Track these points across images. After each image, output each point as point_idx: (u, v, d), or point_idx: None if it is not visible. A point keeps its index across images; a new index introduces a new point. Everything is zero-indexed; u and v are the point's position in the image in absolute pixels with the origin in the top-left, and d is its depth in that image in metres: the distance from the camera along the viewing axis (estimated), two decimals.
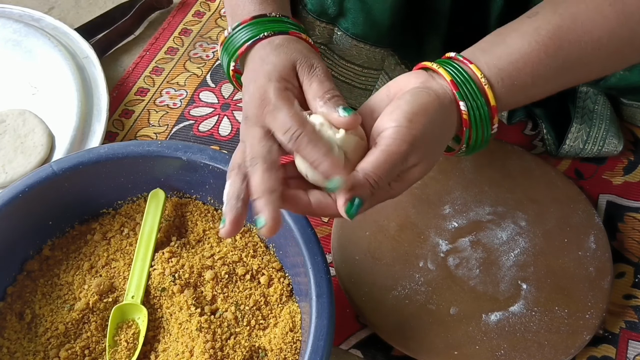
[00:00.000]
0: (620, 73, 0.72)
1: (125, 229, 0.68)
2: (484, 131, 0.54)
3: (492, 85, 0.53)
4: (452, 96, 0.53)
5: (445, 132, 0.53)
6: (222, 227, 0.49)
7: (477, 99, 0.53)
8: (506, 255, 0.70)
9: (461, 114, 0.53)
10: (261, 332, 0.61)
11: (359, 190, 0.47)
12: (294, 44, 0.55)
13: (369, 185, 0.48)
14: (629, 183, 0.79)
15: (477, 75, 0.53)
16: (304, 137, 0.48)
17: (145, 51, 0.93)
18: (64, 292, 0.65)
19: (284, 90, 0.51)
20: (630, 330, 0.68)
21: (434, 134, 0.51)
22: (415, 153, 0.50)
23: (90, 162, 0.65)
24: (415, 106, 0.50)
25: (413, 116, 0.50)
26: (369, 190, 0.48)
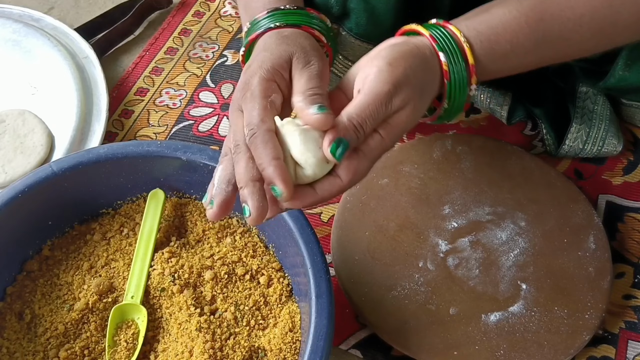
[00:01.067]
0: (619, 74, 0.72)
1: (124, 229, 0.68)
2: (461, 90, 0.54)
3: (471, 45, 0.54)
4: (431, 48, 0.54)
5: (427, 79, 0.53)
6: (210, 209, 0.49)
7: (455, 52, 0.53)
8: (506, 255, 0.70)
9: (441, 65, 0.53)
10: (261, 332, 0.61)
11: (343, 132, 0.47)
12: (300, 39, 0.55)
13: (354, 126, 0.48)
14: (628, 183, 0.79)
15: (455, 34, 0.54)
16: (257, 137, 0.47)
17: (145, 51, 0.93)
18: (63, 292, 0.65)
19: (267, 81, 0.51)
20: (629, 330, 0.68)
21: (416, 76, 0.51)
22: (399, 94, 0.50)
23: (89, 162, 0.65)
24: (396, 52, 0.51)
25: (393, 60, 0.51)
26: (354, 133, 0.48)
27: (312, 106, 0.48)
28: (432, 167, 0.76)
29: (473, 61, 0.54)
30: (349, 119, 0.48)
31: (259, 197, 0.47)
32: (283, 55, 0.52)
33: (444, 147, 0.78)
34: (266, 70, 0.51)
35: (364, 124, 0.48)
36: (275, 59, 0.52)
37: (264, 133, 0.47)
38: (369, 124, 0.49)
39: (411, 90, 0.51)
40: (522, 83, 0.82)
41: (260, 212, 0.47)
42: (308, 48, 0.54)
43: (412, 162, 0.77)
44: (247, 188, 0.47)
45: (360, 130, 0.48)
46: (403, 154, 0.77)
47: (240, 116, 0.50)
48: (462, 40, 0.54)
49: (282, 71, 0.52)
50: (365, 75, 0.50)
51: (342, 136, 0.47)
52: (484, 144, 0.78)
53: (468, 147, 0.78)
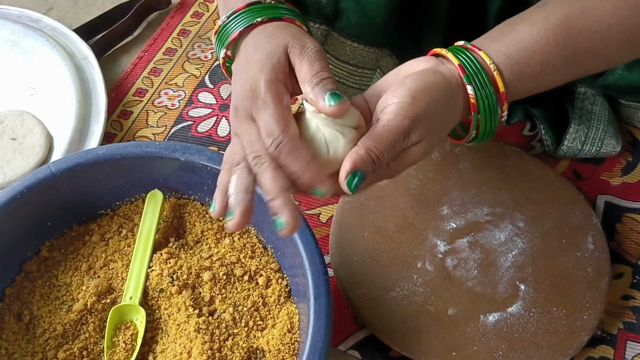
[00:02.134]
0: (619, 72, 0.71)
1: (123, 230, 0.68)
2: (492, 118, 0.54)
3: (500, 72, 0.53)
4: (459, 80, 0.53)
5: (449, 114, 0.53)
6: (231, 220, 0.48)
7: (485, 83, 0.52)
8: (504, 256, 0.70)
9: (469, 98, 0.52)
10: (259, 333, 0.61)
11: (360, 164, 0.47)
12: (287, 29, 0.54)
13: (371, 159, 0.48)
14: (627, 184, 0.79)
15: (485, 62, 0.53)
16: (284, 146, 0.47)
17: (143, 52, 0.93)
18: (62, 293, 0.65)
19: (274, 83, 0.50)
20: (628, 331, 0.68)
21: (437, 113, 0.51)
22: (417, 130, 0.49)
23: (88, 163, 0.65)
24: (420, 84, 0.51)
25: (417, 93, 0.50)
26: (371, 166, 0.48)
27: (324, 95, 0.48)
28: (430, 168, 0.76)
29: (503, 88, 0.53)
30: (367, 151, 0.48)
31: (292, 207, 0.47)
32: (278, 50, 0.51)
33: (443, 147, 0.78)
34: (269, 72, 0.50)
35: (381, 156, 0.48)
36: (273, 56, 0.51)
37: (291, 141, 0.47)
38: (386, 157, 0.49)
39: (429, 126, 0.50)
40: None
41: (296, 221, 0.47)
42: (298, 34, 0.53)
43: None
44: (279, 199, 0.47)
45: (377, 162, 0.48)
46: None
47: (253, 125, 0.50)
48: (492, 68, 0.53)
49: (283, 67, 0.51)
50: (387, 104, 0.50)
51: (358, 169, 0.47)
52: (482, 145, 0.77)
53: (466, 147, 0.78)
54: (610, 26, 0.54)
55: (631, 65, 0.71)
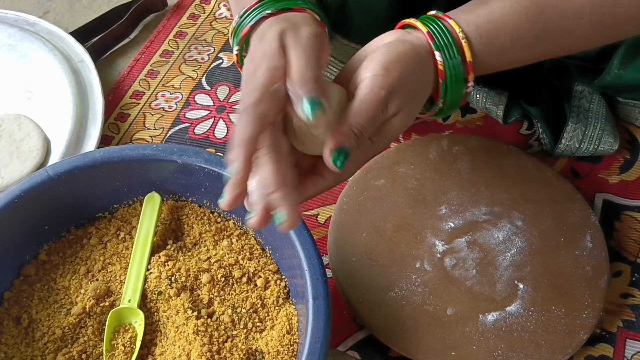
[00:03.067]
0: (615, 72, 0.72)
1: (121, 232, 0.68)
2: (458, 87, 0.54)
3: (469, 41, 0.53)
4: (427, 47, 0.53)
5: (422, 83, 0.53)
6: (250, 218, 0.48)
7: (453, 51, 0.53)
8: (503, 255, 0.70)
9: (437, 64, 0.53)
10: (258, 334, 0.61)
11: (344, 140, 0.47)
12: (292, 17, 0.53)
13: (353, 134, 0.48)
14: (625, 182, 0.79)
15: (454, 29, 0.53)
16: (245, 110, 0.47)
17: (140, 54, 0.93)
18: (60, 296, 0.65)
19: (273, 69, 0.49)
20: (627, 329, 0.68)
21: (411, 81, 0.51)
22: (394, 100, 0.50)
23: (85, 167, 0.65)
24: (391, 55, 0.51)
25: (388, 64, 0.50)
26: (354, 140, 0.48)
27: (302, 99, 0.47)
28: (428, 168, 0.76)
29: (471, 58, 0.53)
30: (349, 127, 0.48)
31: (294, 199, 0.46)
32: (275, 37, 0.50)
33: (440, 147, 0.78)
34: (270, 58, 0.49)
35: (363, 130, 0.48)
36: (271, 43, 0.50)
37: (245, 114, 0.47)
38: (368, 130, 0.49)
39: (406, 95, 0.51)
40: (517, 82, 0.82)
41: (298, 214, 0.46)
42: (299, 22, 0.52)
43: (408, 163, 0.77)
44: (281, 191, 0.46)
45: (359, 136, 0.48)
46: (399, 155, 0.77)
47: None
48: (460, 36, 0.53)
49: (280, 54, 0.50)
50: (361, 80, 0.50)
51: (341, 144, 0.47)
52: (480, 144, 0.78)
53: (464, 147, 0.78)
54: (583, 7, 0.54)
55: (627, 64, 0.71)
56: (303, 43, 0.49)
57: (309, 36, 0.50)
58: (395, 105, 0.50)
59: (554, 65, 0.82)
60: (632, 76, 0.72)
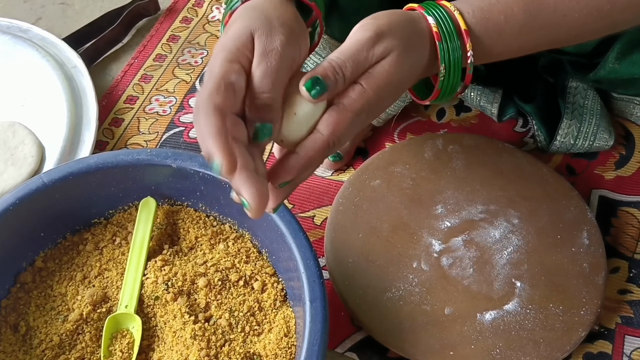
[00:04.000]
0: (609, 66, 0.71)
1: (117, 238, 0.68)
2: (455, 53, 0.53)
3: (461, 13, 0.53)
4: (419, 14, 0.53)
5: (415, 35, 0.52)
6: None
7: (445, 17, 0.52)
8: (499, 253, 0.70)
9: (430, 28, 0.52)
10: (256, 338, 0.61)
11: (321, 72, 0.46)
12: (268, 7, 0.51)
13: (332, 67, 0.46)
14: (621, 177, 0.79)
15: (445, 5, 0.53)
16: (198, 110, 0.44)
17: (133, 59, 0.93)
18: (57, 303, 0.64)
19: (230, 62, 0.46)
20: (626, 325, 0.68)
21: (401, 28, 0.50)
22: (382, 42, 0.49)
23: (80, 173, 0.64)
24: (380, 13, 0.51)
25: (378, 14, 0.50)
26: (332, 75, 0.46)
27: (254, 125, 0.46)
28: (423, 167, 0.76)
29: (465, 26, 0.52)
30: (329, 61, 0.47)
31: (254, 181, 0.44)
32: (243, 33, 0.47)
33: (435, 146, 0.78)
34: (227, 51, 0.47)
35: (343, 66, 0.47)
36: (236, 37, 0.47)
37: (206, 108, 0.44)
38: (348, 67, 0.47)
39: (395, 39, 0.49)
40: (512, 80, 0.82)
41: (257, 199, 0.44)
42: (275, 20, 0.49)
43: (403, 163, 0.77)
44: (240, 176, 0.44)
45: (339, 72, 0.47)
46: (395, 155, 0.77)
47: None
48: (452, 8, 0.53)
49: (245, 50, 0.47)
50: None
51: (319, 75, 0.46)
52: (475, 142, 0.78)
53: (459, 145, 0.78)
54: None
55: (621, 58, 0.71)
56: (271, 58, 0.47)
57: (279, 50, 0.47)
58: (383, 47, 0.49)
59: (548, 62, 0.82)
60: (627, 70, 0.71)
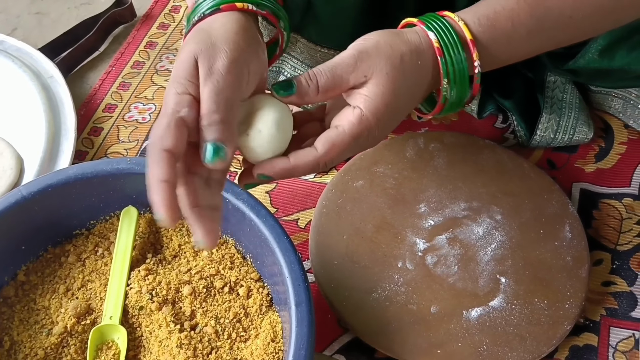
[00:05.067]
0: (590, 56, 0.71)
1: (99, 249, 0.67)
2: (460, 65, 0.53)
3: (467, 23, 0.53)
4: (419, 30, 0.53)
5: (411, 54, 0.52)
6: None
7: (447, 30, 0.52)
8: (483, 250, 0.70)
9: (432, 44, 0.52)
10: (242, 344, 0.61)
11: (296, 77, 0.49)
12: (215, 26, 0.50)
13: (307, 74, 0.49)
14: (601, 170, 0.79)
15: (449, 17, 0.53)
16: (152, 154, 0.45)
17: (111, 67, 0.92)
18: (41, 316, 0.64)
19: (178, 95, 0.47)
20: (610, 317, 0.69)
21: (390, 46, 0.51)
22: (366, 60, 0.50)
23: (59, 184, 0.64)
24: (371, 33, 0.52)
25: (367, 35, 0.51)
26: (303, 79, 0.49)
27: (206, 145, 0.46)
28: (406, 166, 0.76)
29: (471, 37, 0.52)
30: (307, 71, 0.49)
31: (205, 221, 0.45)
32: (187, 60, 0.48)
33: (417, 145, 0.78)
34: (178, 83, 0.47)
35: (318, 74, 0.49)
36: (183, 67, 0.48)
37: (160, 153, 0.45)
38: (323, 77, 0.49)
39: (382, 58, 0.50)
40: (490, 76, 0.82)
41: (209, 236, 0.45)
42: (219, 40, 0.49)
43: (386, 163, 0.77)
44: (190, 216, 0.45)
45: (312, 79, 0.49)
46: (377, 155, 0.77)
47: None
48: (456, 19, 0.53)
49: (192, 79, 0.47)
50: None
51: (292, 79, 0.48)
52: (456, 140, 0.79)
53: (440, 143, 0.78)
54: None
55: (602, 51, 0.71)
56: (214, 78, 0.47)
57: (222, 68, 0.47)
58: (367, 65, 0.49)
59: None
60: (606, 63, 0.71)
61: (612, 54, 0.70)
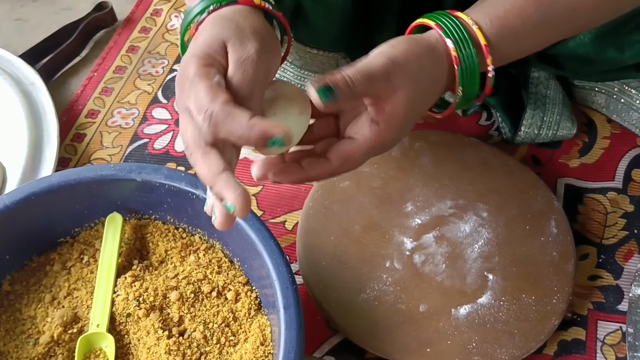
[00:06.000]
0: (581, 38, 0.71)
1: (85, 256, 0.67)
2: (473, 73, 0.53)
3: (480, 27, 0.53)
4: (438, 37, 0.53)
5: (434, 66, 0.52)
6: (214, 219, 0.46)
7: (464, 37, 0.52)
8: (470, 247, 0.70)
9: (449, 51, 0.52)
10: (232, 348, 0.61)
11: (332, 79, 0.46)
12: (238, 17, 0.50)
13: (344, 79, 0.47)
14: (585, 165, 0.80)
15: (463, 19, 0.53)
16: (217, 114, 0.44)
17: (93, 72, 0.91)
18: (27, 326, 0.63)
19: (205, 66, 0.46)
20: (598, 310, 0.69)
21: (418, 57, 0.51)
22: (397, 74, 0.49)
23: (42, 192, 0.63)
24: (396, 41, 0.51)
25: (395, 42, 0.51)
26: (343, 84, 0.46)
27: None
28: (392, 166, 0.76)
29: (485, 41, 0.53)
30: (341, 73, 0.47)
31: (234, 186, 0.43)
32: (215, 41, 0.47)
33: (402, 144, 0.78)
34: (200, 58, 0.47)
35: (356, 81, 0.47)
36: (208, 45, 0.47)
37: (223, 107, 0.43)
38: (361, 85, 0.47)
39: (411, 72, 0.50)
40: None
41: (242, 199, 0.43)
42: (247, 29, 0.49)
43: (371, 163, 0.76)
44: (217, 184, 0.44)
45: (351, 85, 0.47)
46: None
47: (186, 115, 0.46)
48: (470, 23, 0.53)
49: (218, 57, 0.47)
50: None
51: (331, 83, 0.46)
52: (441, 138, 0.79)
53: (425, 142, 0.78)
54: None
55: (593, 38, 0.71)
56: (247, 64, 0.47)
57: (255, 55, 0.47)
58: (398, 79, 0.49)
59: None
60: (593, 50, 0.71)
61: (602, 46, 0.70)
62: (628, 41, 0.69)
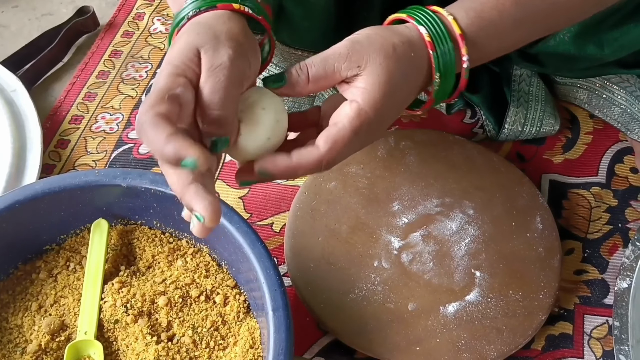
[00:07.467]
0: (560, 37, 0.71)
1: (71, 263, 0.66)
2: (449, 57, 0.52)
3: (455, 17, 0.53)
4: (410, 25, 0.53)
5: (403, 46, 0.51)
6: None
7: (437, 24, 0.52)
8: (457, 245, 0.70)
9: (422, 37, 0.52)
10: (221, 352, 0.61)
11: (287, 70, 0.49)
12: (216, 23, 0.49)
13: (297, 65, 0.49)
14: (569, 160, 0.80)
15: (438, 11, 0.53)
16: (142, 124, 0.42)
17: (75, 77, 0.91)
18: (14, 335, 0.63)
19: (175, 75, 0.45)
20: (584, 305, 0.70)
21: (383, 37, 0.51)
22: (358, 51, 0.49)
23: (26, 200, 0.63)
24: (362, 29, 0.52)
25: (359, 31, 0.51)
26: (294, 69, 0.49)
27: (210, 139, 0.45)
28: (378, 166, 0.77)
29: (460, 31, 0.52)
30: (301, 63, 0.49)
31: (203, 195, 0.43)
32: (190, 50, 0.47)
33: (388, 143, 0.78)
34: (173, 66, 0.46)
35: (309, 65, 0.49)
36: (182, 53, 0.46)
37: (149, 118, 0.42)
38: (314, 67, 0.49)
39: (376, 49, 0.49)
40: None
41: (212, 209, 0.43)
42: (222, 35, 0.48)
43: (357, 163, 0.77)
44: (188, 193, 0.43)
45: (303, 69, 0.49)
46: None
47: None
48: (445, 14, 0.52)
49: (192, 65, 0.46)
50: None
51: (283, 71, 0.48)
52: (426, 137, 0.79)
53: (411, 141, 0.78)
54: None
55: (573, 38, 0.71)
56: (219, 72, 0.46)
57: (228, 62, 0.47)
58: (360, 55, 0.49)
59: None
60: (575, 47, 0.72)
61: (583, 43, 0.71)
62: (608, 38, 0.70)
